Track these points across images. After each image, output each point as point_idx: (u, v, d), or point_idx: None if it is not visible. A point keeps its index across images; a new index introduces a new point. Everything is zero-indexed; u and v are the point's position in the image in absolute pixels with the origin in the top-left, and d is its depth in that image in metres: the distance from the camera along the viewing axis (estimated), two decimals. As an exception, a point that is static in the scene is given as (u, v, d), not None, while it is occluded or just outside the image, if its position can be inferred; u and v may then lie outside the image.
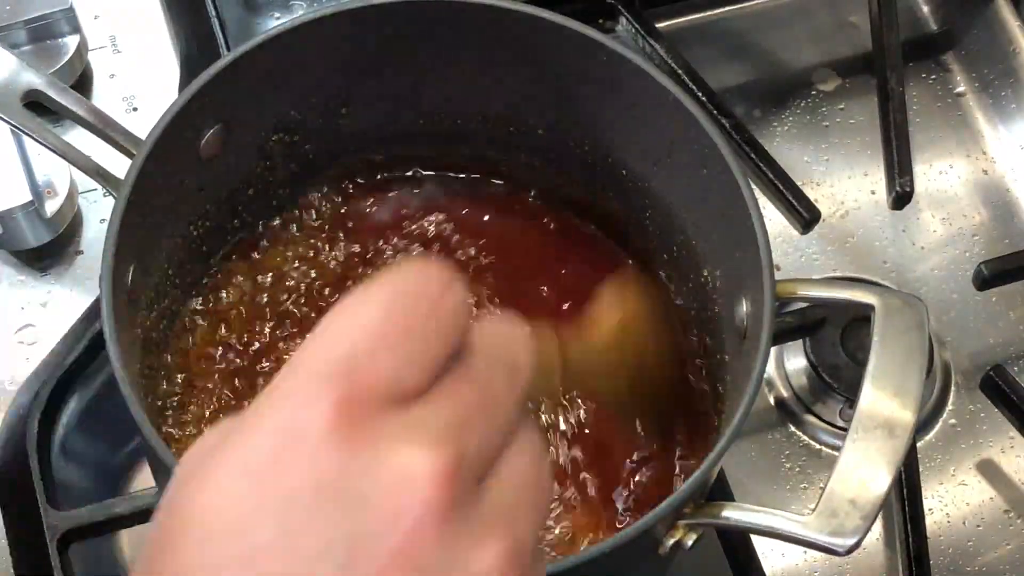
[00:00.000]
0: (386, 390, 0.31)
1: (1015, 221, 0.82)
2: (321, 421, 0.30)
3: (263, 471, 0.30)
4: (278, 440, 0.30)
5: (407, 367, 0.31)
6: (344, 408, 0.30)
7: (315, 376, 0.31)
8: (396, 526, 0.29)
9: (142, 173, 0.53)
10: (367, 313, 0.32)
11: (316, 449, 0.30)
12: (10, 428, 0.65)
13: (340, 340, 0.31)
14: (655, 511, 0.48)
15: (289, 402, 0.31)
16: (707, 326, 0.61)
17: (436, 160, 0.66)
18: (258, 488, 0.30)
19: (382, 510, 0.29)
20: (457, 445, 0.31)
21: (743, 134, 0.75)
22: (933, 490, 0.72)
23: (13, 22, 0.71)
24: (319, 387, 0.30)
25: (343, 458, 0.30)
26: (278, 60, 0.57)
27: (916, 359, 0.51)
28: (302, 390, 0.31)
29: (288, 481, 0.30)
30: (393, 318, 0.32)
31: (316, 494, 0.29)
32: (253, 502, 0.30)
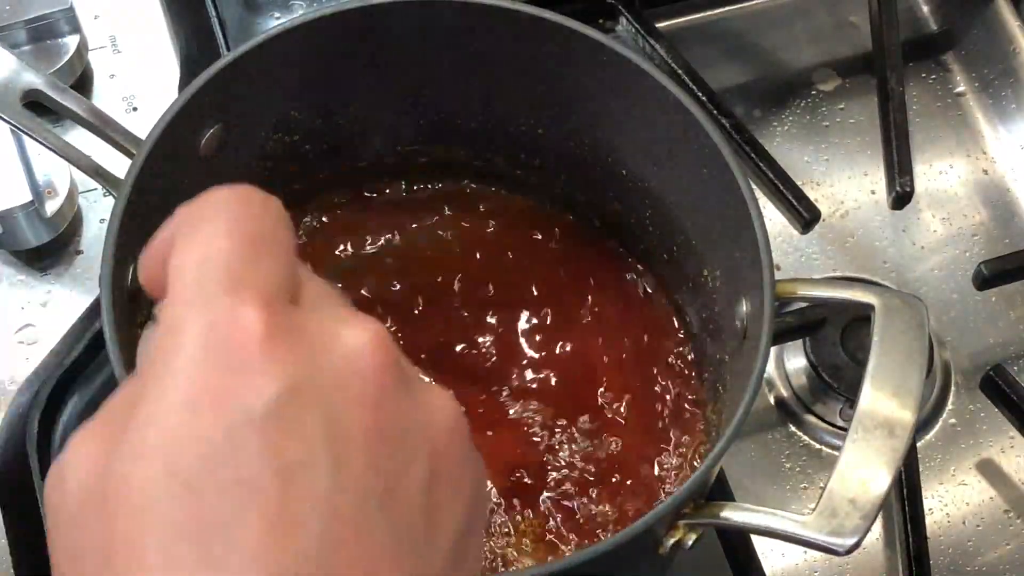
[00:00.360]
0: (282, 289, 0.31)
1: (1015, 221, 0.82)
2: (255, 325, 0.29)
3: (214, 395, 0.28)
4: (215, 359, 0.29)
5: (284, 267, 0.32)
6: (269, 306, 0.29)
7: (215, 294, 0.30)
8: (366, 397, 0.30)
9: (142, 173, 0.53)
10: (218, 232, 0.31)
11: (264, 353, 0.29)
12: (10, 428, 0.65)
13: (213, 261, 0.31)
14: (655, 511, 0.48)
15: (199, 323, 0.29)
16: (707, 326, 0.61)
17: (436, 160, 0.66)
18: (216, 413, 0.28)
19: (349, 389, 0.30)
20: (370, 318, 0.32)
21: (743, 134, 0.75)
22: (933, 490, 0.72)
23: (13, 22, 0.71)
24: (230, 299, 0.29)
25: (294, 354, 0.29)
26: (278, 60, 0.57)
27: (916, 359, 0.51)
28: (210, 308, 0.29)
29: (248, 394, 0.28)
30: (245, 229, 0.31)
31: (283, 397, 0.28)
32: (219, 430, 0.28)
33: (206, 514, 0.27)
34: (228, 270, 0.30)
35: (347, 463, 0.29)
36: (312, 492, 0.28)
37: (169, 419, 0.28)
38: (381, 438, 0.30)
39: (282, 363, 0.29)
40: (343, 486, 0.28)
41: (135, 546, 0.27)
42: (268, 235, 0.32)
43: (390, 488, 0.30)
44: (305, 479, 0.28)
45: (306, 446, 0.28)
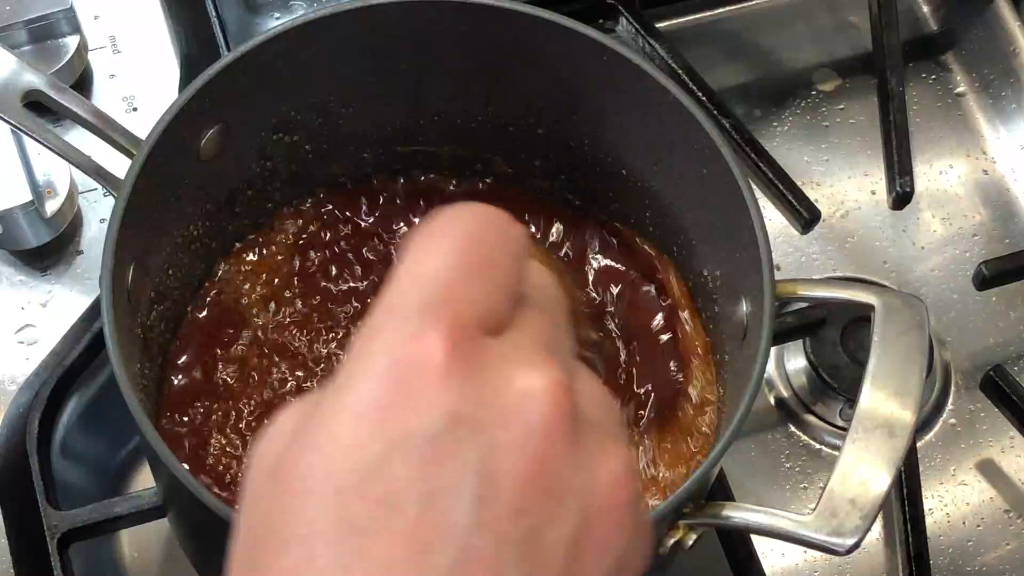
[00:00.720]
0: (483, 319, 0.31)
1: (1015, 221, 0.82)
2: (436, 352, 0.30)
3: (383, 411, 0.29)
4: (393, 378, 0.30)
5: (495, 296, 0.32)
6: (455, 338, 0.30)
7: (414, 312, 0.31)
8: (527, 444, 0.30)
9: (142, 173, 0.53)
10: (444, 250, 0.32)
11: (437, 381, 0.29)
12: (10, 428, 0.65)
13: (426, 277, 0.32)
14: (655, 511, 0.48)
15: (393, 340, 0.30)
16: (707, 326, 0.61)
17: (435, 160, 0.66)
18: (381, 429, 0.29)
19: (511, 431, 0.30)
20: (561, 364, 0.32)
21: (743, 134, 0.75)
22: (933, 490, 0.72)
23: (13, 22, 0.71)
24: (422, 321, 0.30)
25: (465, 388, 0.30)
26: (278, 60, 0.57)
27: (916, 359, 0.51)
28: (404, 326, 0.30)
29: (413, 417, 0.29)
30: (471, 251, 0.32)
31: (444, 426, 0.29)
32: (379, 445, 0.29)
33: (348, 522, 0.28)
34: (435, 289, 0.31)
35: (492, 503, 0.29)
36: (450, 522, 0.29)
37: (338, 424, 0.30)
38: (534, 487, 0.30)
39: (451, 394, 0.29)
40: (482, 522, 0.29)
41: (283, 535, 0.29)
42: (491, 258, 0.33)
43: (532, 538, 0.30)
44: (446, 508, 0.29)
45: (455, 477, 0.29)
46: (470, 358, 0.30)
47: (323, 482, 0.29)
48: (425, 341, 0.30)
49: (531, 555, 0.30)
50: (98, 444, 0.70)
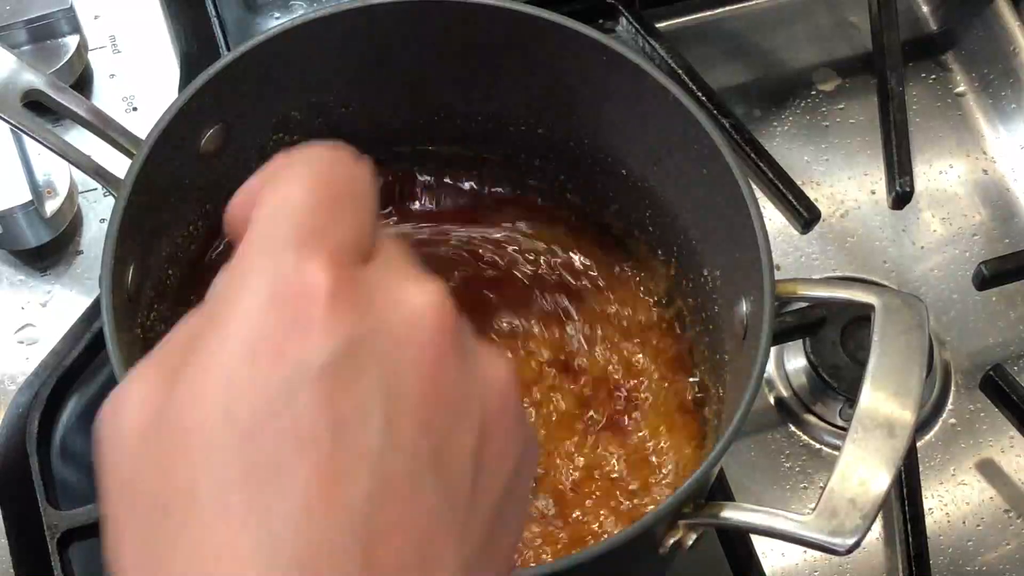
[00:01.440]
0: (355, 246, 0.31)
1: (1015, 221, 0.82)
2: (321, 281, 0.29)
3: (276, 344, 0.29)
4: (280, 310, 0.29)
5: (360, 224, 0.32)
6: (336, 265, 0.30)
7: (287, 244, 0.30)
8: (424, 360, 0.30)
9: (142, 173, 0.53)
10: (300, 183, 0.32)
11: (328, 308, 0.29)
12: (10, 428, 0.65)
13: (291, 210, 0.31)
14: (655, 511, 0.48)
15: (268, 273, 0.30)
16: (707, 326, 0.61)
17: (435, 160, 0.66)
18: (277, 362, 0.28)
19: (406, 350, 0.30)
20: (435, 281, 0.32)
21: (743, 134, 0.75)
22: (933, 490, 0.72)
23: (13, 22, 0.71)
24: (298, 252, 0.30)
25: (355, 312, 0.29)
26: (278, 60, 0.57)
27: (916, 359, 0.51)
28: (278, 258, 0.30)
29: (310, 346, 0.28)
30: (328, 184, 0.32)
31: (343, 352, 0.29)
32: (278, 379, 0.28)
33: (259, 463, 0.27)
34: (303, 222, 0.31)
35: (400, 422, 0.29)
36: (363, 447, 0.28)
37: (229, 366, 0.28)
38: (436, 400, 0.30)
39: (343, 321, 0.29)
40: (394, 444, 0.29)
41: (191, 493, 0.28)
42: (350, 191, 0.32)
43: (440, 450, 0.30)
44: (357, 434, 0.28)
45: (360, 402, 0.29)
46: (353, 285, 0.30)
47: (224, 428, 0.28)
48: (307, 269, 0.29)
49: (442, 470, 0.30)
50: (98, 444, 0.70)
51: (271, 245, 0.30)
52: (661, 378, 0.63)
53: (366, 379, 0.29)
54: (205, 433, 0.28)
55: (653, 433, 0.61)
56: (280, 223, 0.31)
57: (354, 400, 0.28)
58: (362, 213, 0.32)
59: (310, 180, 0.32)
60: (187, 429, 0.28)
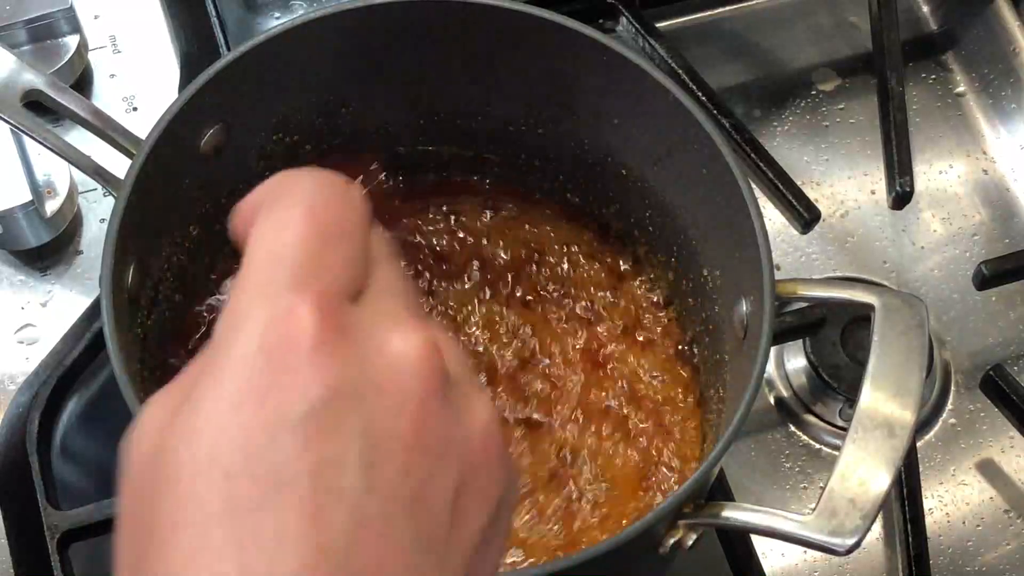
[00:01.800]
0: (346, 286, 0.32)
1: (1015, 221, 0.82)
2: (308, 327, 0.30)
3: (261, 391, 0.30)
4: (267, 356, 0.30)
5: (352, 262, 0.33)
6: (324, 310, 0.30)
7: (280, 288, 0.31)
8: (407, 406, 0.31)
9: (142, 173, 0.53)
10: (295, 221, 0.33)
11: (312, 355, 0.30)
12: (10, 428, 0.65)
13: (285, 251, 0.32)
14: (655, 511, 0.48)
15: (259, 318, 0.30)
16: (707, 326, 0.61)
17: (436, 160, 0.66)
18: (261, 409, 0.29)
19: (390, 396, 0.31)
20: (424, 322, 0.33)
21: (743, 134, 0.75)
22: (933, 490, 0.72)
23: (13, 22, 0.71)
24: (290, 297, 0.31)
25: (340, 359, 0.30)
26: (278, 60, 0.57)
27: (916, 359, 0.51)
28: (272, 303, 0.31)
29: (292, 394, 0.29)
30: (322, 220, 0.33)
31: (324, 400, 0.30)
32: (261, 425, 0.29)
33: (239, 502, 0.29)
34: (296, 265, 0.31)
35: (379, 467, 0.30)
36: (341, 490, 0.29)
37: (217, 409, 0.30)
38: (416, 446, 0.31)
39: (327, 367, 0.30)
40: (372, 487, 0.29)
41: (174, 524, 0.29)
42: (342, 227, 0.33)
43: (418, 495, 0.31)
44: (336, 477, 0.29)
45: (340, 447, 0.29)
46: (340, 328, 0.31)
47: (209, 466, 0.29)
48: (295, 316, 0.30)
49: (419, 512, 0.30)
50: (98, 444, 0.70)
51: (263, 288, 0.31)
52: (661, 378, 0.63)
53: (347, 425, 0.30)
54: (192, 469, 0.29)
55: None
56: (272, 264, 0.32)
57: (334, 445, 0.29)
58: (354, 248, 0.33)
59: (304, 218, 0.33)
60: (178, 463, 0.30)
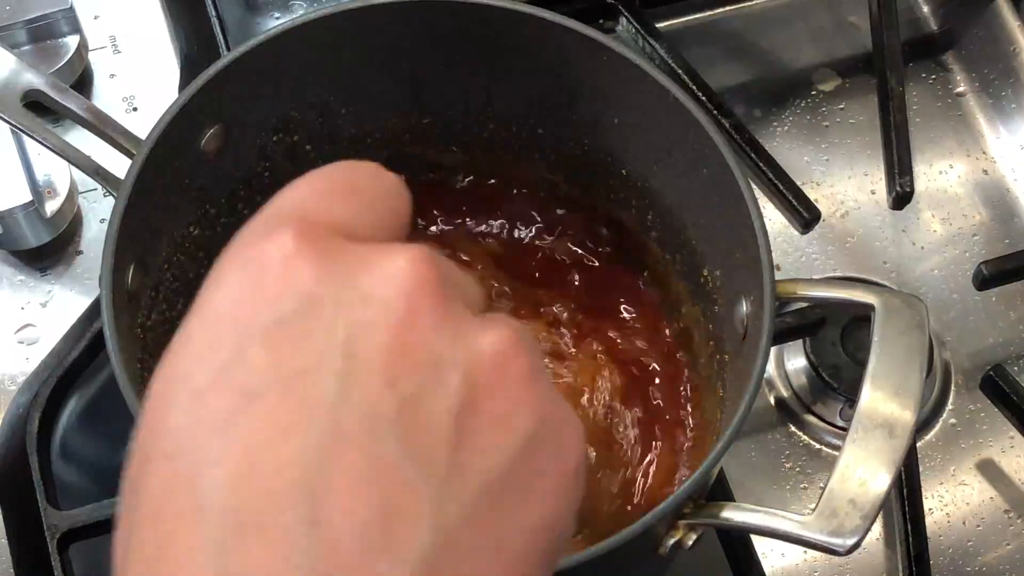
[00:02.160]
0: (341, 226, 0.31)
1: (1015, 221, 0.82)
2: (287, 244, 0.29)
3: (235, 308, 0.29)
4: (244, 276, 0.30)
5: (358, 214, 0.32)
6: (306, 232, 0.30)
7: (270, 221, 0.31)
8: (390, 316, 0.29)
9: (142, 173, 0.53)
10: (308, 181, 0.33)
11: (286, 267, 0.29)
12: (10, 428, 0.65)
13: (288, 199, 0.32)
14: (655, 511, 0.48)
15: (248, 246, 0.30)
16: (707, 326, 0.61)
17: (436, 160, 0.66)
18: (233, 325, 0.29)
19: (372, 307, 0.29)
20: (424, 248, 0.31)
21: (743, 134, 0.75)
22: (933, 490, 0.72)
23: (13, 22, 0.71)
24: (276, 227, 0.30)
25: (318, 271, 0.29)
26: (278, 60, 0.57)
27: (916, 359, 0.51)
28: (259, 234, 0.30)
29: (264, 305, 0.29)
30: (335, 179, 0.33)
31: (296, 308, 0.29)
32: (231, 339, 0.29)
33: (206, 417, 0.28)
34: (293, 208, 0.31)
35: (356, 378, 0.28)
36: (314, 399, 0.28)
37: (194, 330, 0.30)
38: (402, 357, 0.29)
39: (301, 277, 0.29)
40: (348, 399, 0.28)
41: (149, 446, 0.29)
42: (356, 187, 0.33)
43: (408, 411, 0.28)
44: (308, 387, 0.28)
45: (313, 357, 0.28)
46: (323, 248, 0.30)
47: (182, 385, 0.29)
48: (276, 237, 0.30)
49: (410, 428, 0.28)
50: (98, 444, 0.70)
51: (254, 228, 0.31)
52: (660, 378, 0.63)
53: (321, 333, 0.28)
54: (167, 390, 0.29)
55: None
56: (273, 212, 0.32)
57: (306, 354, 0.28)
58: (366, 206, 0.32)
59: (323, 176, 0.33)
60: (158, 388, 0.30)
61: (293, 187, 0.33)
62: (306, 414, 0.27)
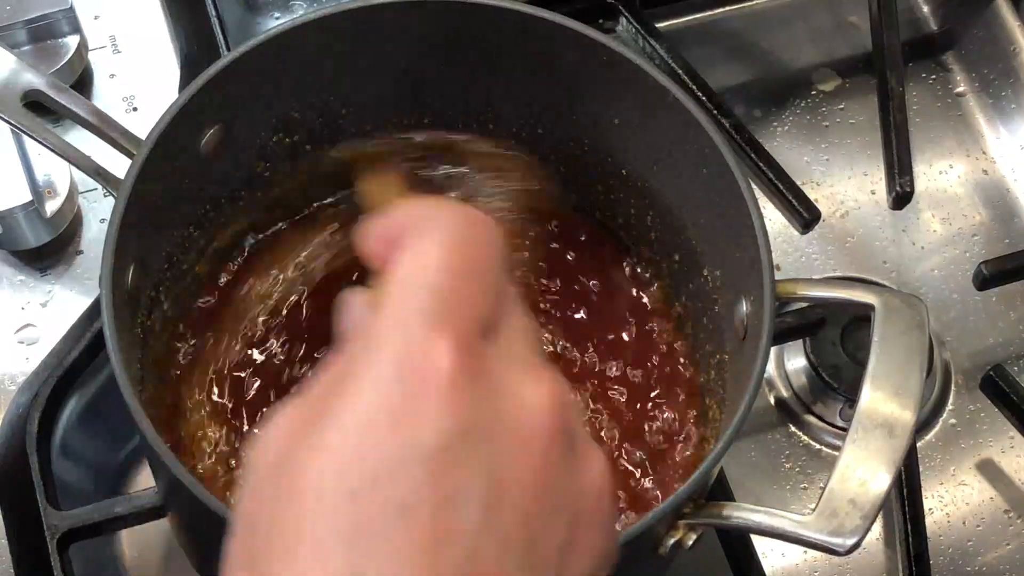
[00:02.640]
0: (481, 323, 0.33)
1: (1015, 221, 0.82)
2: (444, 362, 0.31)
3: (395, 418, 0.30)
4: (403, 385, 0.31)
5: (489, 298, 0.33)
6: (461, 346, 0.31)
7: (416, 317, 0.32)
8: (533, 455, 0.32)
9: (142, 173, 0.53)
10: (436, 251, 0.33)
11: (447, 390, 0.31)
12: (10, 428, 0.65)
13: (424, 281, 0.33)
14: (655, 511, 0.48)
15: (398, 347, 0.31)
16: (707, 326, 0.61)
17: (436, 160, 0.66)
18: (394, 435, 0.30)
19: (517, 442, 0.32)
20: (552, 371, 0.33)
21: (743, 134, 0.75)
22: (933, 490, 0.72)
23: (13, 22, 0.71)
24: (426, 328, 0.31)
25: (472, 397, 0.31)
26: (278, 60, 0.57)
27: (916, 359, 0.51)
28: (408, 333, 0.31)
29: (425, 425, 0.30)
30: (463, 254, 0.33)
31: (455, 435, 0.30)
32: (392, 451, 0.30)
33: (361, 522, 0.29)
34: (436, 297, 0.32)
35: (499, 510, 0.31)
36: (460, 526, 0.30)
37: (350, 428, 0.31)
38: (536, 496, 0.32)
39: (460, 406, 0.31)
40: (490, 528, 0.30)
41: (297, 534, 0.30)
42: (483, 263, 0.34)
43: (531, 543, 0.31)
44: (457, 512, 0.30)
45: (464, 485, 0.30)
46: (475, 367, 0.31)
47: (335, 484, 0.30)
48: (433, 350, 0.31)
49: (531, 560, 0.31)
50: (98, 444, 0.70)
51: (405, 317, 0.32)
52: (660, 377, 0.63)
53: (474, 464, 0.31)
54: (318, 485, 0.30)
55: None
56: (415, 293, 0.32)
57: (458, 482, 0.30)
58: (491, 286, 0.34)
59: (448, 248, 0.33)
60: (305, 475, 0.30)
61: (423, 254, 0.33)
62: (453, 536, 0.30)
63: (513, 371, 0.33)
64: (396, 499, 0.30)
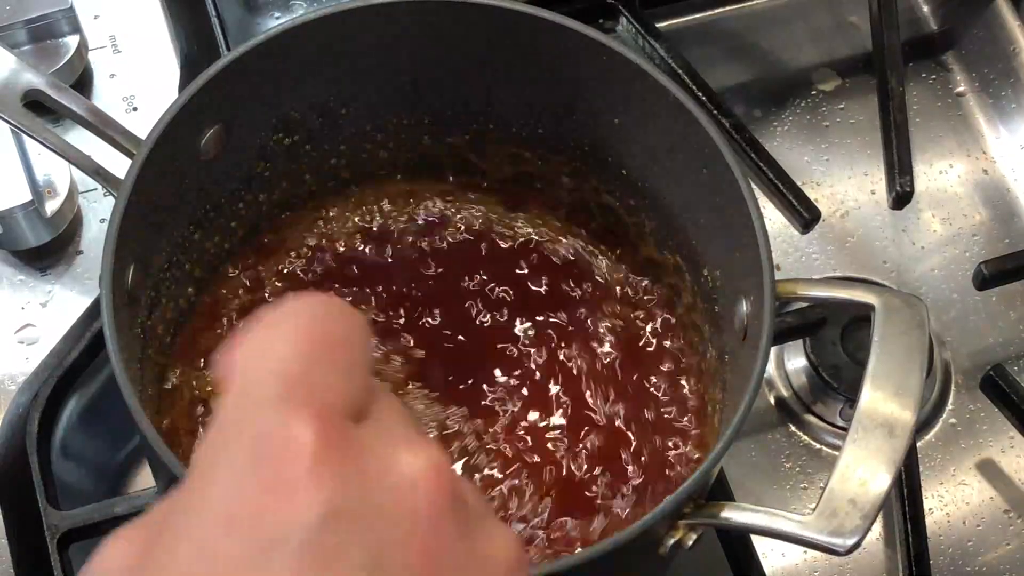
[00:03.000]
0: (346, 404, 0.29)
1: (1015, 221, 0.82)
2: (305, 441, 0.27)
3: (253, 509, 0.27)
4: (260, 471, 0.27)
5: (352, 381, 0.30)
6: (322, 424, 0.28)
7: (272, 400, 0.28)
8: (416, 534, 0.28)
9: (142, 173, 0.53)
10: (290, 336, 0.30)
11: (310, 471, 0.27)
12: (10, 428, 0.65)
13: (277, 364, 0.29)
14: (655, 511, 0.48)
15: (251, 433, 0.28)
16: (707, 326, 0.61)
17: (436, 160, 0.66)
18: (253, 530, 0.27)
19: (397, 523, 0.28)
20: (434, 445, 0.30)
21: (743, 134, 0.75)
22: (933, 490, 0.72)
23: (13, 22, 0.71)
24: (284, 409, 0.28)
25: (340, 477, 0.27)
26: (278, 60, 0.57)
27: (916, 359, 0.51)
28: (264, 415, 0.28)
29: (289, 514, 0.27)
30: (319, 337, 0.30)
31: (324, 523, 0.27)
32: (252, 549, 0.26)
33: None
34: (291, 377, 0.29)
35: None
36: None
37: (203, 536, 0.27)
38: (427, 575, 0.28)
39: (327, 487, 0.27)
40: None
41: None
42: (340, 343, 0.30)
43: None
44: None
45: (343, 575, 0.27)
46: (340, 445, 0.28)
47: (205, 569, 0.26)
48: (291, 430, 0.27)
49: None
50: (98, 444, 0.70)
51: (253, 401, 0.29)
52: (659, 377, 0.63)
53: (350, 553, 0.27)
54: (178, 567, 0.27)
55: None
56: (266, 379, 0.29)
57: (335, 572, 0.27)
58: (356, 366, 0.30)
59: (303, 328, 0.30)
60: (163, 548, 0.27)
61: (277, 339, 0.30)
62: None
63: (386, 445, 0.29)
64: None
